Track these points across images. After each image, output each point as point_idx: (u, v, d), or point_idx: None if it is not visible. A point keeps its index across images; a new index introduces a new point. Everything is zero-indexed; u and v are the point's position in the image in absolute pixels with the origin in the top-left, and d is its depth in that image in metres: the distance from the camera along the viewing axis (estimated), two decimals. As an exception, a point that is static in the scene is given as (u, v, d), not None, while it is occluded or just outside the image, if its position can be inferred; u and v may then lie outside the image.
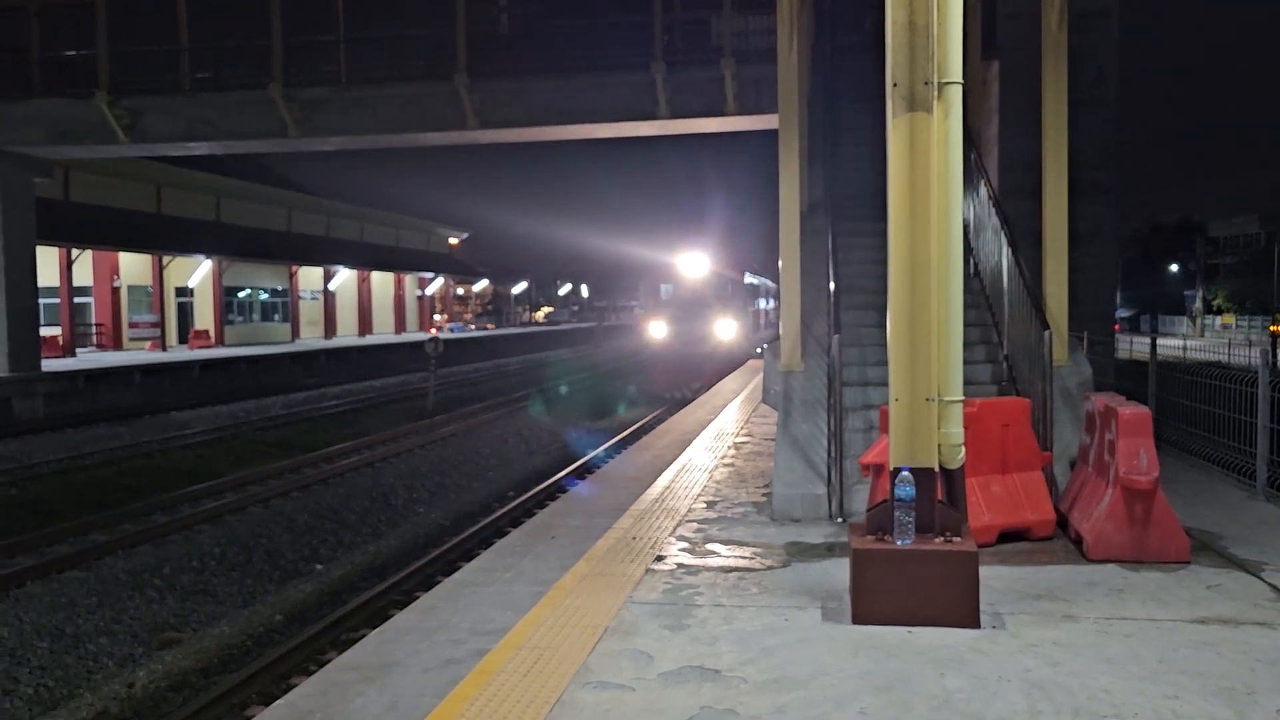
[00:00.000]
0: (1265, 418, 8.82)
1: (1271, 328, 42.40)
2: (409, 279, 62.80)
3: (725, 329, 33.78)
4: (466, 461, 19.78)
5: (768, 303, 42.23)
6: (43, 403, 25.36)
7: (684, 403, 23.83)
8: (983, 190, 10.60)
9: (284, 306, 49.07)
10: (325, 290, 52.17)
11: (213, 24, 21.84)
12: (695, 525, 8.41)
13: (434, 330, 58.28)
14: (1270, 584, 6.45)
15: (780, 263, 10.48)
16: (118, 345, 37.92)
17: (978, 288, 10.56)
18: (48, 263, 30.86)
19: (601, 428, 24.63)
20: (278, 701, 5.01)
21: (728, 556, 7.38)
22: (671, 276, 35.24)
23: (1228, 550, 7.25)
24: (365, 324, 56.00)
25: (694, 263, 34.46)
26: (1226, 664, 5.10)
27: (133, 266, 38.96)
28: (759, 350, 35.01)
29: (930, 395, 5.96)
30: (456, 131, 20.89)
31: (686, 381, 30.49)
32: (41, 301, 26.78)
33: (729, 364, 31.69)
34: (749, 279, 36.82)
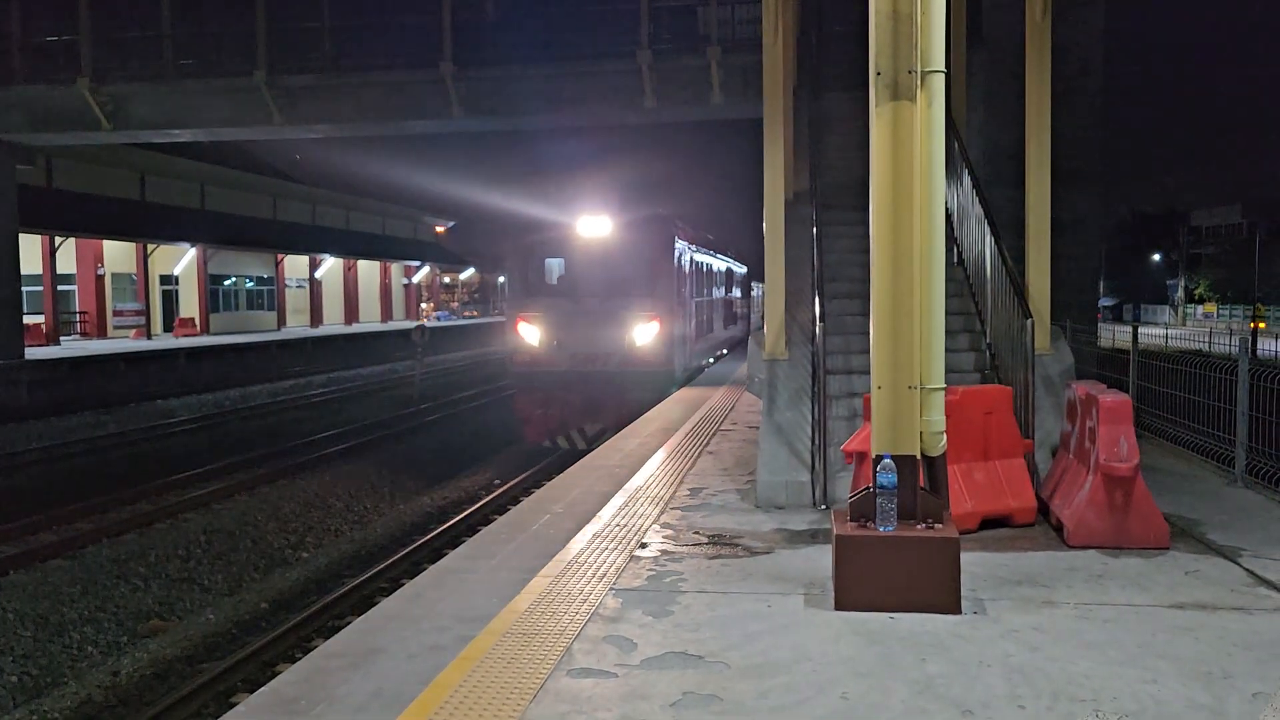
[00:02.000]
0: (1244, 405, 8.90)
1: (1251, 324, 42.71)
2: (395, 267, 62.57)
3: (643, 334, 19.34)
4: (454, 448, 19.79)
5: (727, 290, 29.61)
6: (26, 390, 25.23)
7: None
8: (966, 179, 10.63)
9: (270, 295, 48.81)
10: (311, 278, 51.93)
11: (197, 10, 21.71)
12: (680, 512, 8.44)
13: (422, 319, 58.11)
14: (1248, 569, 6.52)
15: (765, 252, 10.50)
16: (102, 333, 37.68)
17: (961, 276, 10.60)
18: (31, 250, 30.64)
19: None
20: (263, 688, 5.02)
21: (711, 543, 7.41)
22: (561, 246, 20.01)
23: (1206, 536, 7.32)
24: (351, 312, 55.78)
25: (598, 224, 19.69)
26: (1204, 649, 5.16)
27: (117, 254, 38.70)
28: (707, 362, 24.69)
29: (913, 383, 6.00)
30: (442, 119, 20.84)
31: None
32: (25, 289, 26.63)
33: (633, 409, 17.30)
34: (693, 251, 21.98)
